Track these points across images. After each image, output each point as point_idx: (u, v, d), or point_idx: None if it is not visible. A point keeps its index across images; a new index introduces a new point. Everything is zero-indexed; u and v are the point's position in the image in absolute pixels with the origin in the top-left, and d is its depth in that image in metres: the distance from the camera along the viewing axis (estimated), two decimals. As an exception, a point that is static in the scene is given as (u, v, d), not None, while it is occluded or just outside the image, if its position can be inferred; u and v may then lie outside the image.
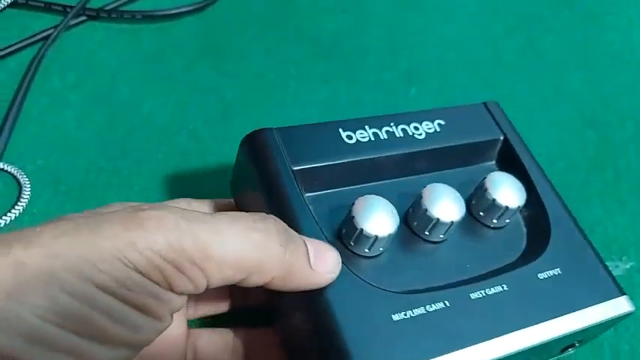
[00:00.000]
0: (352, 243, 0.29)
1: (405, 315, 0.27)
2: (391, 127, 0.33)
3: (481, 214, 0.32)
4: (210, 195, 0.35)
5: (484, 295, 0.29)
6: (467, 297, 0.29)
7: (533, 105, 0.49)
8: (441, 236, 0.31)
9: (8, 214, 0.38)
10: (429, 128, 0.34)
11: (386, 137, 0.33)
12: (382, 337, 0.26)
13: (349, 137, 0.32)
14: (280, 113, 0.46)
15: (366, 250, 0.29)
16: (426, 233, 0.31)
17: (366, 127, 0.33)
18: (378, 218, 0.29)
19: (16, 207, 0.39)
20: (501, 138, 0.36)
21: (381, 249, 0.30)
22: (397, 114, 0.34)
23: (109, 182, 0.41)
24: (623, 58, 0.53)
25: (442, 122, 0.35)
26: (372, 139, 0.32)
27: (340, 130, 0.32)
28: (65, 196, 0.40)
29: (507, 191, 0.32)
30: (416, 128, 0.34)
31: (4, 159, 0.41)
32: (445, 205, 0.30)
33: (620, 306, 0.31)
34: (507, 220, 0.33)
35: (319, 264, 0.26)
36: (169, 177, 0.42)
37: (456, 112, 0.36)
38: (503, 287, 0.30)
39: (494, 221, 0.32)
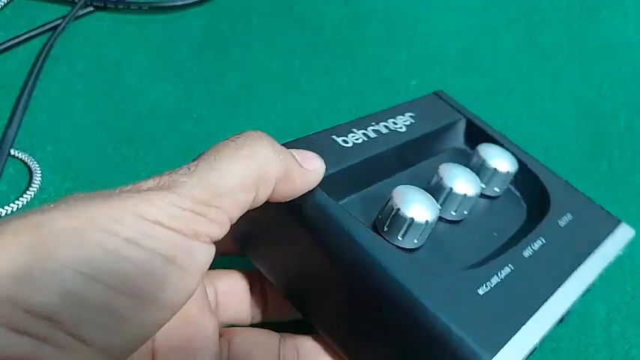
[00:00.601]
0: (400, 237, 0.29)
1: (487, 287, 0.28)
2: (374, 125, 0.34)
3: (483, 185, 0.34)
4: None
5: (533, 251, 0.31)
6: (522, 257, 0.31)
7: (530, 96, 0.50)
8: (465, 212, 0.32)
9: (20, 198, 0.39)
10: (405, 121, 0.36)
11: (375, 135, 0.34)
12: (482, 313, 0.27)
13: (345, 142, 0.33)
14: (283, 103, 0.47)
15: (415, 241, 0.30)
16: (452, 213, 0.32)
17: (354, 129, 0.34)
18: (422, 205, 0.29)
19: (28, 192, 0.40)
20: (464, 119, 0.38)
21: (426, 237, 0.30)
22: (373, 114, 0.35)
23: (116, 168, 0.42)
24: (618, 52, 0.54)
25: (412, 114, 0.36)
26: (365, 139, 0.33)
27: (334, 137, 0.33)
28: (74, 181, 0.41)
29: (502, 158, 0.34)
30: (394, 123, 0.35)
31: (15, 145, 0.42)
32: (464, 182, 0.31)
33: (625, 232, 0.36)
34: (505, 187, 0.35)
35: (307, 164, 0.28)
36: (175, 163, 0.43)
37: (418, 104, 0.38)
38: (542, 240, 0.32)
39: (496, 189, 0.34)
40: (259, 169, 0.26)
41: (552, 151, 0.46)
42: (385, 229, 0.30)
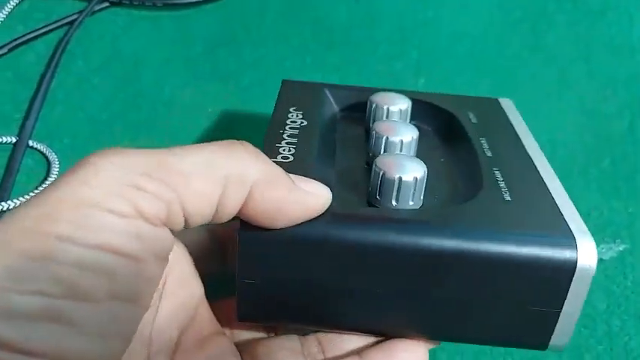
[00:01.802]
0: (394, 201, 0.27)
1: (504, 191, 0.28)
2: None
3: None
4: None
5: (491, 151, 0.32)
6: (492, 158, 0.32)
7: (537, 95, 0.51)
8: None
9: (39, 188, 0.41)
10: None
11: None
12: (527, 214, 0.27)
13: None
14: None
15: (411, 203, 0.28)
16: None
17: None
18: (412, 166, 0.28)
19: (46, 182, 0.41)
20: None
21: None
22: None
23: (132, 160, 0.43)
24: (623, 53, 0.55)
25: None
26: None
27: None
28: (91, 172, 0.42)
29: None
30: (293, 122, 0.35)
31: (33, 137, 0.43)
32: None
33: (506, 102, 0.40)
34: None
35: (304, 185, 0.24)
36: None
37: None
38: (484, 141, 0.33)
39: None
40: (230, 165, 0.23)
41: (557, 150, 0.47)
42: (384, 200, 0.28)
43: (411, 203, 0.27)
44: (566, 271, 0.26)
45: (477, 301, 0.26)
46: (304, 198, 0.24)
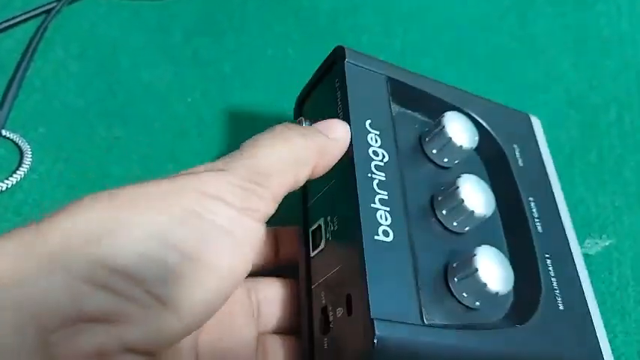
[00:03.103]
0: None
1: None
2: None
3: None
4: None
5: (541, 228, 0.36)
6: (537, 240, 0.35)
7: (523, 86, 0.51)
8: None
9: (10, 178, 0.40)
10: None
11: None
12: None
13: None
14: (277, 90, 0.47)
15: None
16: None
17: None
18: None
19: (17, 173, 0.40)
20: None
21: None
22: None
23: (109, 150, 0.42)
24: (611, 44, 0.54)
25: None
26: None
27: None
28: (65, 162, 0.41)
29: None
30: None
31: (7, 126, 0.42)
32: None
33: (535, 121, 0.42)
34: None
35: (332, 133, 0.31)
36: (167, 146, 0.43)
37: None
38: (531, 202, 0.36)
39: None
40: (295, 153, 0.28)
41: (543, 142, 0.47)
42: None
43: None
44: None
45: None
46: (339, 146, 0.31)
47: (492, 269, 0.29)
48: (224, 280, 0.25)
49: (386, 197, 0.30)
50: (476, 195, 0.31)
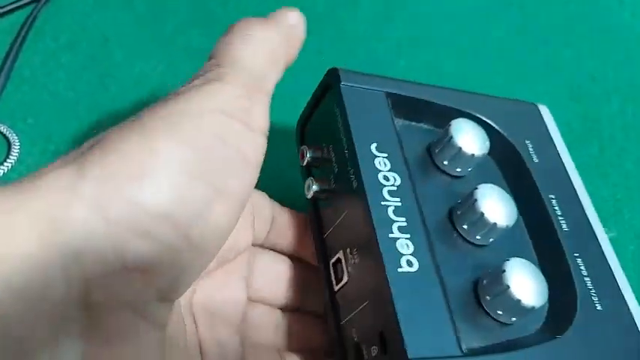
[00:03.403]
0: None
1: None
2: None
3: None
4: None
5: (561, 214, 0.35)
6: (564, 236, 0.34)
7: (524, 78, 0.50)
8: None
9: (-3, 169, 0.39)
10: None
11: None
12: None
13: None
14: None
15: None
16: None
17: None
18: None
19: (5, 164, 0.39)
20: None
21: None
22: None
23: (98, 142, 0.41)
24: (613, 36, 0.53)
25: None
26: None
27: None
28: (54, 154, 0.40)
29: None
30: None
31: (-5, 117, 0.41)
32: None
33: (544, 109, 0.40)
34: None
35: (290, 20, 0.30)
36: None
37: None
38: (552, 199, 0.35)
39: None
40: (272, 50, 0.28)
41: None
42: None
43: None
44: None
45: None
46: (298, 30, 0.31)
47: (524, 283, 0.28)
48: (237, 204, 0.24)
49: (405, 224, 0.29)
50: (496, 206, 0.30)
